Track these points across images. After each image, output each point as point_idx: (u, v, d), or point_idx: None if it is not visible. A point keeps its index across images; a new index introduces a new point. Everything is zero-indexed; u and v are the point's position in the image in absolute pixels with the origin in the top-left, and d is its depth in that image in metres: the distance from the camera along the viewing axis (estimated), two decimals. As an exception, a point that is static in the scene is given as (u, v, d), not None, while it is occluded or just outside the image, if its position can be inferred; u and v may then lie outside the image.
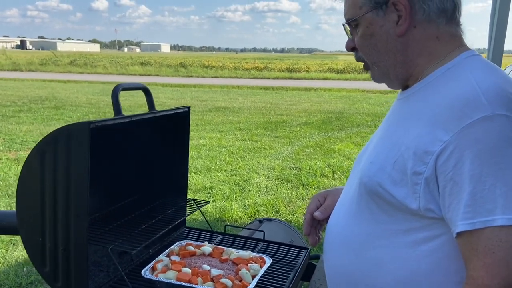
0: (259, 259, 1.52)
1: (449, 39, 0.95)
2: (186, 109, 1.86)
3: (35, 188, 1.35)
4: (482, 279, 0.78)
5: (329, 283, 1.13)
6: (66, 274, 1.37)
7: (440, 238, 0.87)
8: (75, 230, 1.32)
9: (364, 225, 0.99)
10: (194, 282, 1.34)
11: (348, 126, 9.88)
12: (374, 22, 0.96)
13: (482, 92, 0.81)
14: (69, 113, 10.99)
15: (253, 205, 4.73)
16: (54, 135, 1.31)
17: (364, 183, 0.97)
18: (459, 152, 0.79)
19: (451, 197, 0.81)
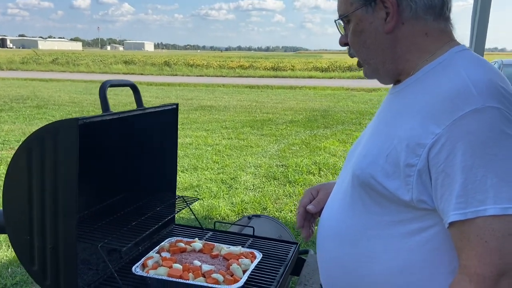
0: (249, 254, 1.53)
1: (438, 34, 0.96)
2: (174, 106, 1.85)
3: (22, 187, 1.33)
4: (474, 268, 0.79)
5: (322, 274, 1.14)
6: (55, 272, 1.35)
7: (433, 229, 0.89)
8: (63, 228, 1.31)
9: (358, 217, 1.00)
10: (185, 277, 1.34)
11: (333, 124, 9.95)
12: (363, 19, 0.98)
13: (472, 85, 0.82)
14: (51, 112, 10.81)
15: (241, 202, 4.74)
16: (41, 132, 1.29)
17: (357, 175, 0.98)
18: (450, 144, 0.80)
19: (443, 188, 0.83)
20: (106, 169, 1.68)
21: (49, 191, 1.30)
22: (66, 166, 1.27)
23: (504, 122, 0.79)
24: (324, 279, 1.13)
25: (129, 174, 1.84)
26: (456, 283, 0.83)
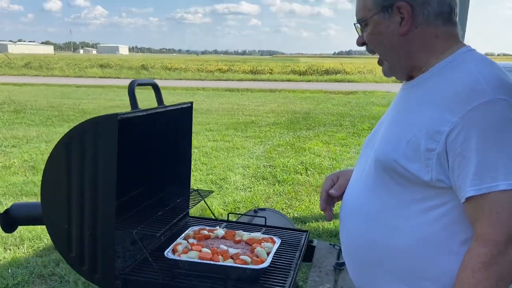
0: (269, 239, 1.66)
1: (447, 37, 1.11)
2: (189, 104, 1.96)
3: (62, 179, 1.42)
4: (489, 235, 0.94)
5: (346, 250, 1.27)
6: (93, 258, 1.44)
7: (448, 204, 1.03)
8: (102, 215, 1.40)
9: (381, 197, 1.13)
10: (215, 260, 1.45)
11: (315, 125, 10.17)
12: (381, 23, 1.12)
13: (484, 80, 0.97)
14: (30, 116, 10.63)
15: (233, 201, 4.85)
16: (82, 127, 1.39)
17: (380, 160, 1.12)
18: (466, 131, 0.95)
19: (459, 168, 0.97)
20: (129, 163, 1.77)
21: (89, 182, 1.40)
22: (106, 158, 1.37)
23: (511, 111, 0.95)
24: (349, 254, 1.26)
25: (148, 168, 1.93)
26: (473, 249, 0.98)
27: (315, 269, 1.71)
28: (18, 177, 5.65)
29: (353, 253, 1.23)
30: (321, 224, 4.27)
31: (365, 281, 1.21)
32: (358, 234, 1.19)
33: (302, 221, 4.37)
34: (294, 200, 5.01)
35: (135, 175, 1.86)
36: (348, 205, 1.26)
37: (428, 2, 1.07)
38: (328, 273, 1.68)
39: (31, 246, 3.68)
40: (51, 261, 3.40)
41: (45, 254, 3.54)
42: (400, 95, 1.22)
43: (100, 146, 1.37)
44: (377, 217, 1.14)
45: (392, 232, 1.10)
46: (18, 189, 5.15)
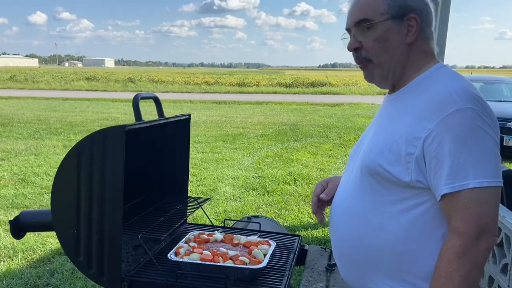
0: (265, 242, 1.77)
1: (430, 54, 1.25)
2: (187, 116, 2.08)
3: (71, 186, 1.51)
4: (462, 228, 1.07)
5: (336, 248, 1.38)
6: (100, 261, 1.53)
7: (427, 203, 1.16)
8: (110, 220, 1.49)
9: (366, 199, 1.25)
10: (216, 261, 1.55)
11: (302, 137, 10.34)
12: (392, 29, 1.18)
13: (455, 92, 1.11)
14: (18, 129, 10.56)
15: (224, 212, 4.93)
16: (91, 137, 1.49)
17: (366, 165, 1.24)
18: (440, 136, 1.08)
19: (435, 169, 1.10)
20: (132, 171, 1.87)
21: (97, 189, 1.49)
22: (114, 167, 1.47)
23: (478, 118, 1.08)
24: (338, 252, 1.37)
25: (149, 176, 2.03)
26: (448, 241, 1.10)
27: (308, 270, 1.82)
28: (8, 190, 5.64)
29: (342, 251, 1.34)
30: (311, 232, 4.38)
31: (354, 278, 1.32)
32: (346, 233, 1.30)
33: (292, 229, 4.47)
34: (283, 209, 5.12)
35: (137, 183, 1.96)
36: (337, 208, 1.37)
37: (431, 19, 1.21)
38: (320, 274, 1.79)
39: (24, 257, 3.71)
40: (45, 272, 3.43)
41: (39, 265, 3.57)
42: (383, 107, 1.35)
43: (108, 155, 1.47)
44: (363, 217, 1.25)
45: (377, 230, 1.22)
46: (8, 202, 5.15)
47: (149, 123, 1.67)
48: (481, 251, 1.06)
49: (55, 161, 7.20)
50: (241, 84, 30.20)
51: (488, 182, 1.06)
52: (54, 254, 3.77)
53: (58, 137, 9.68)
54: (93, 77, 32.46)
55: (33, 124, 11.50)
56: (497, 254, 2.16)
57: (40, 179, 6.16)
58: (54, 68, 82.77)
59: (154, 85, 29.45)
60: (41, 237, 4.11)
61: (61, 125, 11.56)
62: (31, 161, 7.20)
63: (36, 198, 5.34)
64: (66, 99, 19.97)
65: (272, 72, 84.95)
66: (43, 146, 8.52)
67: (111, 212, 1.49)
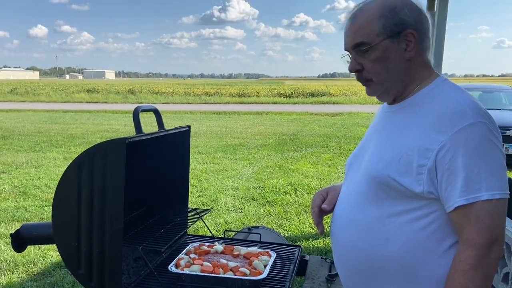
0: (265, 253, 1.77)
1: (429, 66, 1.26)
2: (187, 128, 2.09)
3: (72, 199, 1.52)
4: (475, 239, 1.08)
5: (339, 259, 1.37)
6: (101, 274, 1.53)
7: (435, 213, 1.16)
8: (110, 233, 1.50)
9: (374, 210, 1.24)
10: (217, 272, 1.56)
11: (302, 147, 10.35)
12: (390, 48, 1.19)
13: (467, 106, 1.13)
14: (18, 142, 10.59)
15: (224, 223, 4.93)
16: (92, 151, 1.51)
17: (374, 176, 1.23)
18: (454, 149, 1.09)
19: (447, 181, 1.11)
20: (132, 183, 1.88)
21: (97, 201, 1.50)
22: (115, 179, 1.48)
23: (489, 132, 1.10)
24: (342, 263, 1.36)
25: (150, 188, 2.04)
26: (461, 253, 1.10)
27: (309, 281, 1.82)
28: (8, 202, 5.64)
29: (347, 262, 1.33)
30: (311, 242, 4.37)
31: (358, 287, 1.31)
32: (352, 244, 1.29)
33: (292, 240, 4.46)
34: (284, 220, 5.11)
35: (138, 195, 1.97)
36: (340, 218, 1.36)
37: (426, 32, 1.22)
38: (321, 284, 1.79)
39: (25, 271, 3.70)
40: (46, 285, 3.42)
41: (39, 278, 3.56)
42: (382, 118, 1.35)
43: (109, 168, 1.48)
44: (369, 227, 1.24)
45: (384, 241, 1.21)
46: (9, 214, 5.15)
47: (149, 136, 1.69)
48: (493, 260, 1.08)
49: (56, 173, 7.21)
50: (241, 95, 30.32)
51: (500, 194, 1.08)
52: (55, 267, 3.76)
53: (58, 149, 9.70)
54: (94, 89, 32.60)
55: (34, 137, 11.53)
56: (498, 262, 2.16)
57: (40, 192, 6.16)
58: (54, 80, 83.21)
59: (155, 97, 29.57)
60: (41, 250, 4.10)
61: (61, 137, 11.58)
62: (31, 174, 7.21)
63: (37, 210, 5.33)
64: (66, 111, 20.05)
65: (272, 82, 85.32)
66: (44, 158, 8.53)
67: (112, 224, 1.50)
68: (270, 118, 17.76)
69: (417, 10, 1.21)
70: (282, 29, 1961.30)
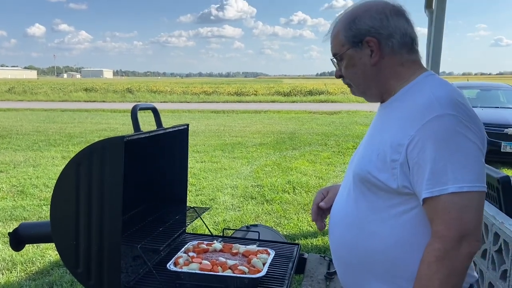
0: (264, 251, 1.77)
1: (411, 64, 1.28)
2: (185, 126, 2.09)
3: (70, 197, 1.52)
4: (442, 231, 1.08)
5: (334, 254, 1.40)
6: (99, 273, 1.53)
7: (415, 209, 1.17)
8: (109, 231, 1.49)
9: (360, 206, 1.27)
10: (215, 271, 1.56)
11: (300, 145, 10.36)
12: (354, 56, 1.27)
13: (436, 99, 1.14)
14: (16, 141, 10.57)
15: (223, 221, 4.93)
16: (89, 149, 1.50)
17: (357, 173, 1.27)
18: (421, 142, 1.10)
19: (417, 175, 1.12)
20: (131, 182, 1.88)
21: (96, 200, 1.50)
22: (113, 177, 1.47)
23: (459, 124, 1.10)
24: (336, 259, 1.39)
25: (148, 187, 2.04)
26: (429, 245, 1.11)
27: (307, 279, 1.82)
28: (7, 202, 5.63)
29: (340, 258, 1.37)
30: (310, 240, 4.38)
31: (350, 281, 1.35)
32: (342, 240, 1.33)
33: (291, 238, 4.47)
34: (282, 218, 5.12)
35: (136, 193, 1.97)
36: (334, 216, 1.40)
37: (392, 35, 1.24)
38: (320, 282, 1.79)
39: (23, 270, 3.69)
40: (44, 284, 3.41)
41: (38, 277, 3.55)
42: (376, 116, 1.39)
43: (107, 166, 1.48)
44: (357, 223, 1.28)
45: (370, 236, 1.24)
46: (7, 214, 5.14)
47: (147, 134, 1.69)
48: (462, 255, 1.07)
49: (54, 172, 7.20)
50: (239, 93, 30.31)
51: (468, 187, 1.07)
52: (53, 266, 3.75)
53: (56, 148, 9.69)
54: (92, 88, 32.52)
55: (32, 136, 11.51)
56: (496, 260, 2.17)
57: (39, 191, 6.15)
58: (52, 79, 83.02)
59: (153, 95, 29.53)
60: (40, 249, 4.10)
61: (59, 136, 11.56)
62: (29, 173, 7.19)
63: (35, 210, 5.33)
64: (64, 110, 20.00)
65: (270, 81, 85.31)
66: (42, 157, 8.52)
67: (110, 223, 1.49)
68: (268, 116, 17.76)
69: (381, 15, 1.24)
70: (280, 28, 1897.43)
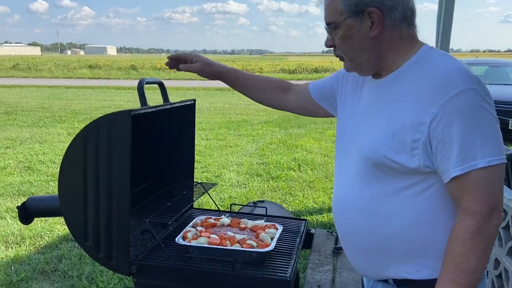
0: (272, 226, 1.77)
1: (410, 38, 1.23)
2: (192, 101, 2.06)
3: (78, 171, 1.51)
4: (474, 207, 1.07)
5: (345, 242, 1.36)
6: (108, 246, 1.54)
7: (433, 186, 1.15)
8: (117, 205, 1.49)
9: (373, 190, 1.23)
10: (224, 245, 1.56)
11: (306, 123, 10.31)
12: (353, 27, 1.18)
13: (455, 73, 1.09)
14: (22, 118, 10.60)
15: (229, 198, 4.95)
16: (97, 123, 1.48)
17: (369, 157, 1.21)
18: (446, 119, 1.07)
19: (442, 153, 1.09)
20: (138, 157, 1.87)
21: (103, 174, 1.49)
22: (120, 152, 1.46)
23: (480, 98, 1.07)
24: (348, 246, 1.35)
25: (156, 162, 2.03)
26: (460, 222, 1.09)
27: (315, 254, 1.83)
28: (14, 177, 5.68)
29: (352, 243, 1.32)
30: (315, 217, 4.40)
31: (368, 268, 1.31)
32: (355, 225, 1.28)
33: (296, 215, 4.49)
34: (288, 195, 5.14)
35: (144, 168, 1.96)
36: (340, 200, 1.34)
37: (394, 7, 1.18)
38: (327, 257, 1.80)
39: (32, 244, 3.75)
40: (53, 258, 3.47)
41: (46, 251, 3.61)
42: (370, 93, 1.31)
43: (114, 141, 1.46)
44: (371, 208, 1.23)
45: (387, 219, 1.20)
46: (15, 189, 5.19)
47: (154, 108, 1.67)
48: (494, 228, 1.07)
49: (60, 148, 7.24)
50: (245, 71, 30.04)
51: (496, 160, 1.06)
52: (62, 240, 3.81)
53: (62, 125, 9.71)
54: (96, 65, 32.36)
55: (37, 112, 11.53)
56: (503, 236, 2.16)
57: (45, 167, 6.20)
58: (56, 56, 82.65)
59: (157, 73, 29.35)
60: (48, 223, 4.15)
61: (65, 113, 11.58)
62: (36, 149, 7.24)
63: (42, 185, 5.38)
64: (69, 87, 19.96)
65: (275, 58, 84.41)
66: (48, 134, 8.55)
67: (119, 197, 1.49)
68: (273, 94, 17.64)
69: None
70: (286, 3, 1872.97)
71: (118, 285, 3.06)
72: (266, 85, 1.72)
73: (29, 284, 3.09)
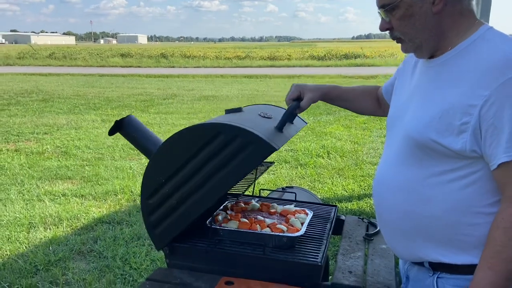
0: (302, 211, 1.77)
1: (469, 14, 1.16)
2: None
3: (186, 152, 1.42)
4: None
5: (383, 222, 1.35)
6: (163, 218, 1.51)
7: (478, 172, 1.11)
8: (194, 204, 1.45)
9: (414, 170, 1.21)
10: (254, 229, 1.57)
11: (335, 110, 10.16)
12: (414, 4, 1.13)
13: None
14: (58, 105, 10.97)
15: (256, 184, 4.97)
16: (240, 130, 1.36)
17: (412, 137, 1.18)
18: (499, 103, 1.02)
19: (492, 137, 1.05)
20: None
21: (206, 172, 1.41)
22: (235, 170, 1.37)
23: None
24: (385, 224, 1.34)
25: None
26: (504, 210, 1.06)
27: (346, 240, 1.81)
28: (52, 162, 5.91)
29: (391, 223, 1.30)
30: (345, 204, 4.36)
31: (403, 248, 1.30)
32: (395, 205, 1.26)
33: (325, 202, 4.47)
34: (316, 182, 5.11)
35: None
36: (382, 180, 1.33)
37: None
38: (358, 243, 1.78)
39: (69, 225, 3.90)
40: (89, 239, 3.60)
41: (83, 232, 3.75)
42: (422, 72, 1.27)
43: (241, 157, 1.37)
44: (411, 188, 1.21)
45: (427, 201, 1.18)
46: (53, 173, 5.40)
47: None
48: None
49: (95, 134, 7.46)
50: (272, 58, 29.85)
51: None
52: (97, 222, 3.95)
53: (96, 112, 9.99)
54: (127, 53, 32.93)
55: (73, 100, 11.90)
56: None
57: (81, 152, 6.41)
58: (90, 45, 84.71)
59: (186, 60, 29.62)
60: (84, 206, 4.31)
61: (99, 100, 11.90)
62: (72, 135, 7.48)
63: (78, 170, 5.57)
64: (102, 75, 20.46)
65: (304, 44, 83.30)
66: (83, 120, 8.82)
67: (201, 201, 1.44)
68: (302, 81, 17.49)
69: None
70: None
71: (150, 267, 3.15)
72: (365, 95, 1.73)
73: (66, 263, 3.22)
